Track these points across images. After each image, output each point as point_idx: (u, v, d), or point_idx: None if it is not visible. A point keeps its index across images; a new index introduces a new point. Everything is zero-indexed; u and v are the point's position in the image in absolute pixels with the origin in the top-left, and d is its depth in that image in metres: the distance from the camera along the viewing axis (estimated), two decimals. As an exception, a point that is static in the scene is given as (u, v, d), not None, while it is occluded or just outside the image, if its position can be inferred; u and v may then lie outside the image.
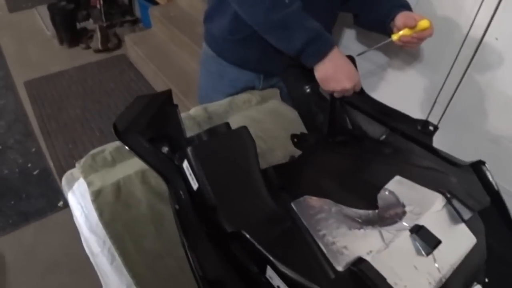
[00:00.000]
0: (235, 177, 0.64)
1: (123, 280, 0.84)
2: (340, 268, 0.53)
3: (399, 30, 1.03)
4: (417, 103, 1.34)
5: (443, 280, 0.57)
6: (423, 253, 0.58)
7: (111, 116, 2.82)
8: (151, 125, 0.76)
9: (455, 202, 0.65)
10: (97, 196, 0.99)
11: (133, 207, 0.97)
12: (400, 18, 1.03)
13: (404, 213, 0.63)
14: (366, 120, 0.94)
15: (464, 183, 0.72)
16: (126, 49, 3.43)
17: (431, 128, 0.87)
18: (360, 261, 0.53)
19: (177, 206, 0.66)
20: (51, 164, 2.45)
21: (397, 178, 0.71)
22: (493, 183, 0.71)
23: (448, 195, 0.66)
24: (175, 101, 0.88)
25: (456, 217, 0.65)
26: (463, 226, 0.64)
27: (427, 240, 0.58)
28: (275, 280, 0.54)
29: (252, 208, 0.60)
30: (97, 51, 3.46)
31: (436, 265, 0.58)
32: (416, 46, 1.07)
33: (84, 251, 0.97)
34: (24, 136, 2.68)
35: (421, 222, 0.61)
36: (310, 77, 0.99)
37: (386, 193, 0.68)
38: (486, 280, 0.65)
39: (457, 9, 1.11)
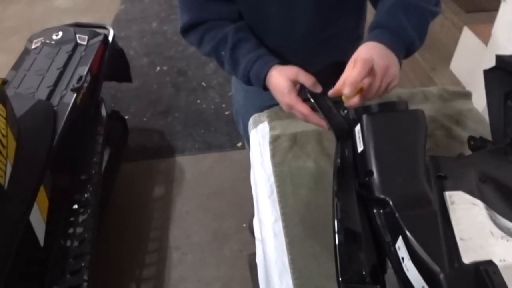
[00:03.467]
0: (399, 151, 0.68)
1: (273, 213, 0.96)
2: (466, 261, 0.54)
3: None
4: None
5: None
6: None
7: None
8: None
9: None
10: (275, 140, 1.12)
11: (301, 158, 1.07)
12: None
13: None
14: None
15: None
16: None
17: None
18: (489, 263, 0.53)
19: (338, 160, 0.74)
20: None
21: None
22: None
23: None
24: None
25: None
26: None
27: None
28: (402, 251, 0.57)
29: (406, 183, 0.64)
30: None
31: None
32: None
33: (246, 188, 1.12)
34: (226, 80, 3.03)
35: None
36: None
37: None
38: None
39: None
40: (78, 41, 2.02)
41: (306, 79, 0.88)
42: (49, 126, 1.60)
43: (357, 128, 0.73)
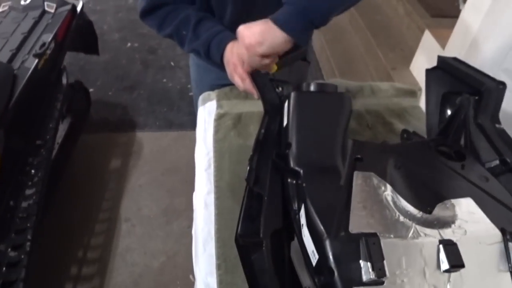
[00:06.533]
0: (319, 129, 0.73)
1: (207, 185, 0.99)
2: (352, 230, 0.58)
3: None
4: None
5: (447, 304, 0.57)
6: (441, 267, 0.58)
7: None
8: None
9: (510, 246, 0.63)
10: (219, 118, 1.16)
11: (243, 136, 1.11)
12: None
13: (448, 226, 0.65)
14: (483, 143, 0.93)
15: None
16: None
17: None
18: (372, 235, 0.57)
19: (263, 131, 0.78)
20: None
21: (468, 199, 0.72)
22: None
23: (508, 236, 0.65)
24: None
25: (505, 264, 0.62)
26: (506, 275, 0.62)
27: (450, 257, 0.58)
28: (302, 218, 0.62)
29: (319, 158, 0.69)
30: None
31: (448, 287, 0.58)
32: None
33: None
34: (194, 62, 3.05)
35: (458, 241, 0.61)
36: (456, 86, 1.00)
37: (447, 205, 0.70)
38: None
39: None
40: (46, 8, 2.03)
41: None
42: (7, 88, 1.61)
43: (286, 103, 0.77)
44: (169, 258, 1.87)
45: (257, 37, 0.85)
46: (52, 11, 1.99)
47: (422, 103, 1.34)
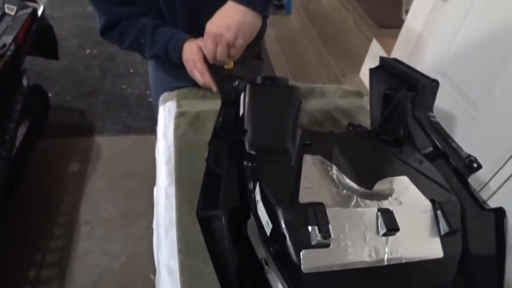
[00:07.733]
0: (273, 118, 0.81)
1: (167, 177, 1.05)
2: (300, 201, 0.65)
3: None
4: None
5: (385, 263, 0.64)
6: (379, 231, 0.66)
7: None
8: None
9: (439, 214, 0.72)
10: (179, 116, 1.22)
11: (201, 133, 1.17)
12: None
13: (385, 198, 0.73)
14: (419, 133, 1.03)
15: (477, 222, 0.77)
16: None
17: (474, 165, 0.93)
18: (318, 204, 0.64)
19: (220, 119, 0.85)
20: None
21: (404, 177, 0.81)
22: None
23: (437, 206, 0.74)
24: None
25: (435, 229, 0.71)
26: (436, 239, 0.70)
27: (387, 222, 0.66)
28: (258, 195, 0.69)
29: (272, 142, 0.77)
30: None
31: (386, 248, 0.65)
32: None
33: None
34: (153, 68, 3.09)
35: (394, 210, 0.69)
36: (396, 83, 1.09)
37: (385, 182, 0.79)
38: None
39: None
40: (6, 11, 2.01)
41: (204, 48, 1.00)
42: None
43: (242, 95, 0.84)
44: (129, 259, 1.89)
45: (223, 21, 0.91)
46: (12, 13, 1.98)
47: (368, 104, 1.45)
